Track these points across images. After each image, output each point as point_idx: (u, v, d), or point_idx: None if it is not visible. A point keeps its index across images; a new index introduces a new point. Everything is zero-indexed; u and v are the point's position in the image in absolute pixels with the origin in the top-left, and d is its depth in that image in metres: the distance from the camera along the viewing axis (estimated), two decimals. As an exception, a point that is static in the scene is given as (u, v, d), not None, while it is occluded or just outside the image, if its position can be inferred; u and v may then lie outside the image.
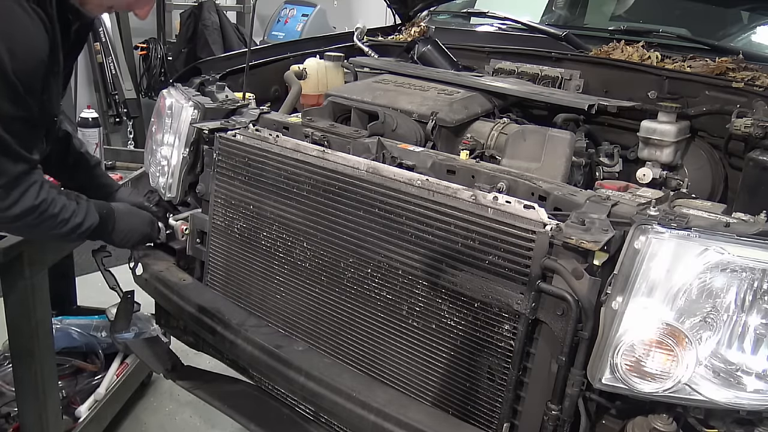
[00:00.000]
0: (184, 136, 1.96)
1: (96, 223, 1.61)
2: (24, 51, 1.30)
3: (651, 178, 1.80)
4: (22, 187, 1.40)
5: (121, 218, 1.74)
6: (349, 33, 2.77)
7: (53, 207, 1.48)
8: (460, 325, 1.40)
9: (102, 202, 1.72)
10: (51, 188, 1.48)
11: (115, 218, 1.71)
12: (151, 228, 1.87)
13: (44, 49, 1.34)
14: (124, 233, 1.75)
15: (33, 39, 1.32)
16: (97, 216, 1.62)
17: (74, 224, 1.55)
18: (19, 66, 1.29)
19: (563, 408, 1.26)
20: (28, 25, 1.30)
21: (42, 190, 1.44)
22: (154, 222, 1.89)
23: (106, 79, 5.37)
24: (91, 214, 1.60)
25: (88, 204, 1.61)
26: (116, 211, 1.73)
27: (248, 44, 2.34)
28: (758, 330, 1.17)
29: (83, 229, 1.58)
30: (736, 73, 1.94)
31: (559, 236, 1.25)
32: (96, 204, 1.66)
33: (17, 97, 1.32)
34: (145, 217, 1.84)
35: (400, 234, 1.46)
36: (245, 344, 1.69)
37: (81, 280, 3.02)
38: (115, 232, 1.73)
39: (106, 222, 1.68)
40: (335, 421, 1.65)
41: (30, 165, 1.42)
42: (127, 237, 1.77)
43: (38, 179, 1.44)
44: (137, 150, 2.91)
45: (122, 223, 1.74)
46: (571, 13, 3.17)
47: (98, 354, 2.65)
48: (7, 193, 1.39)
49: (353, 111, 1.99)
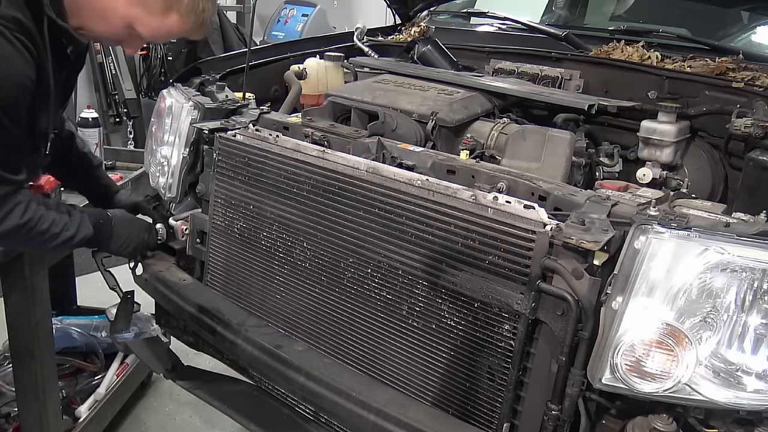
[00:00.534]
0: (184, 136, 1.96)
1: (90, 234, 1.62)
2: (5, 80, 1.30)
3: (651, 178, 1.80)
4: (7, 207, 1.41)
5: (118, 226, 1.74)
6: (349, 33, 2.77)
7: (41, 224, 1.49)
8: (460, 325, 1.40)
9: (99, 211, 1.73)
10: (39, 206, 1.49)
11: (112, 227, 1.72)
12: (148, 235, 1.86)
13: (29, 75, 1.34)
14: (122, 241, 1.75)
15: (15, 68, 1.32)
16: (91, 227, 1.63)
17: (66, 237, 1.56)
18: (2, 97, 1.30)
19: (563, 408, 1.26)
20: (9, 54, 1.30)
21: (28, 210, 1.45)
22: (151, 229, 1.89)
23: (106, 79, 5.36)
24: (84, 225, 1.61)
25: (82, 216, 1.62)
26: (113, 219, 1.73)
27: (248, 44, 2.34)
28: (758, 330, 1.17)
29: (76, 241, 1.59)
30: (736, 73, 1.94)
31: (559, 236, 1.25)
32: (92, 213, 1.67)
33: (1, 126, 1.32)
34: (142, 225, 1.84)
35: (400, 234, 1.46)
36: (245, 344, 1.69)
37: (81, 280, 3.02)
38: (112, 241, 1.73)
39: (102, 231, 1.68)
40: (335, 421, 1.65)
41: (15, 186, 1.43)
42: (125, 245, 1.77)
43: (23, 199, 1.45)
44: (137, 150, 2.90)
45: (119, 230, 1.74)
46: (571, 13, 3.17)
47: (98, 354, 2.65)
48: None
49: (353, 111, 1.99)
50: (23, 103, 1.36)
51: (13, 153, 1.40)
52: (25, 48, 1.32)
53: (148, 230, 1.86)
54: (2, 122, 1.32)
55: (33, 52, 1.34)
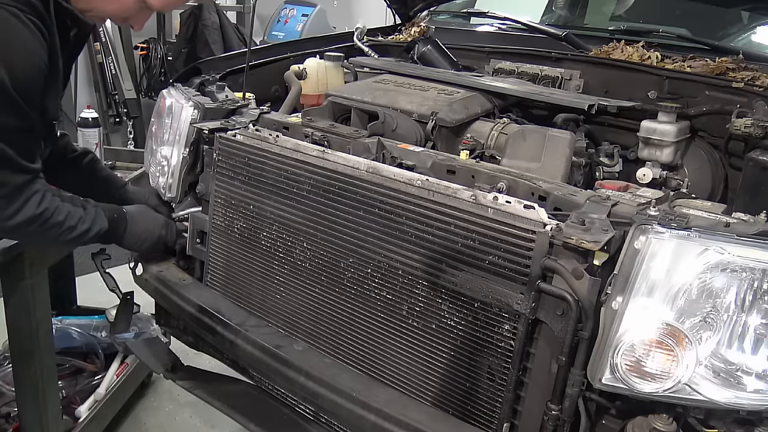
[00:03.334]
0: (184, 136, 1.95)
1: (105, 228, 1.61)
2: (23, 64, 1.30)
3: (651, 178, 1.80)
4: (24, 196, 1.40)
5: (133, 221, 1.72)
6: (349, 33, 2.77)
7: (57, 215, 1.48)
8: (460, 325, 1.40)
9: (113, 206, 1.71)
10: (54, 197, 1.48)
11: (127, 221, 1.71)
12: (166, 230, 1.84)
13: (43, 58, 1.34)
14: (137, 237, 1.74)
15: (31, 51, 1.31)
16: (107, 222, 1.61)
17: (81, 231, 1.55)
18: (19, 79, 1.29)
19: (563, 408, 1.26)
20: (25, 37, 1.30)
21: (44, 200, 1.44)
22: (169, 224, 1.86)
23: (106, 79, 5.37)
24: (99, 219, 1.60)
25: (97, 210, 1.61)
26: (128, 214, 1.72)
27: (248, 44, 2.34)
28: (758, 330, 1.17)
29: (92, 235, 1.58)
30: (736, 73, 1.94)
31: (559, 236, 1.25)
32: (106, 208, 1.65)
33: (18, 111, 1.32)
34: (159, 220, 1.83)
35: (400, 234, 1.46)
36: (245, 344, 1.69)
37: (81, 280, 3.02)
38: (127, 236, 1.72)
39: (117, 226, 1.67)
40: (335, 421, 1.65)
41: (32, 175, 1.42)
42: (140, 241, 1.76)
43: (40, 188, 1.44)
44: (137, 150, 2.91)
45: (135, 226, 1.73)
46: (571, 13, 3.17)
47: (98, 354, 2.65)
48: (8, 203, 1.39)
49: (353, 111, 1.99)
50: (38, 86, 1.35)
51: (30, 140, 1.40)
52: (39, 31, 1.32)
53: (165, 226, 1.84)
54: (20, 107, 1.31)
55: (45, 35, 1.34)
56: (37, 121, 1.39)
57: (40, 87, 1.36)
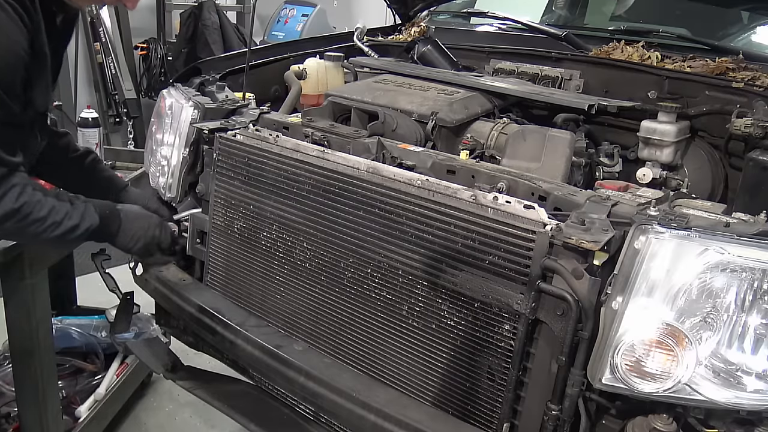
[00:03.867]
0: (184, 136, 1.95)
1: (95, 224, 1.53)
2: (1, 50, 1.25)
3: (651, 178, 1.80)
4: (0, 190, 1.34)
5: (127, 220, 1.65)
6: (349, 33, 2.77)
7: (39, 210, 1.40)
8: (460, 325, 1.40)
9: (106, 203, 1.64)
10: (35, 191, 1.41)
11: (120, 219, 1.64)
12: (160, 231, 1.77)
13: (23, 45, 1.29)
14: (130, 236, 1.67)
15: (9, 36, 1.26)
16: (97, 217, 1.54)
17: (68, 227, 1.47)
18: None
19: (563, 408, 1.26)
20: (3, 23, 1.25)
21: (23, 194, 1.37)
22: (164, 225, 1.80)
23: (106, 79, 5.38)
24: (88, 215, 1.52)
25: (86, 205, 1.54)
26: (122, 212, 1.65)
27: (248, 44, 2.34)
28: (758, 330, 1.17)
29: (80, 232, 1.50)
30: (736, 73, 1.94)
31: (559, 236, 1.25)
32: (97, 204, 1.59)
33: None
34: (154, 220, 1.76)
35: (400, 234, 1.46)
36: (245, 344, 1.69)
37: (81, 280, 3.02)
38: (120, 235, 1.64)
39: (109, 224, 1.60)
40: (335, 421, 1.65)
41: (10, 168, 1.36)
42: (134, 240, 1.68)
43: (19, 182, 1.37)
44: (137, 150, 2.91)
45: (128, 224, 1.65)
46: (571, 13, 3.17)
47: (98, 354, 2.65)
48: None
49: (353, 111, 1.99)
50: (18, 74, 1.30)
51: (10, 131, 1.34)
52: (19, 17, 1.27)
53: (160, 227, 1.78)
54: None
55: (26, 21, 1.29)
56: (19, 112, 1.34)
57: (21, 76, 1.31)
